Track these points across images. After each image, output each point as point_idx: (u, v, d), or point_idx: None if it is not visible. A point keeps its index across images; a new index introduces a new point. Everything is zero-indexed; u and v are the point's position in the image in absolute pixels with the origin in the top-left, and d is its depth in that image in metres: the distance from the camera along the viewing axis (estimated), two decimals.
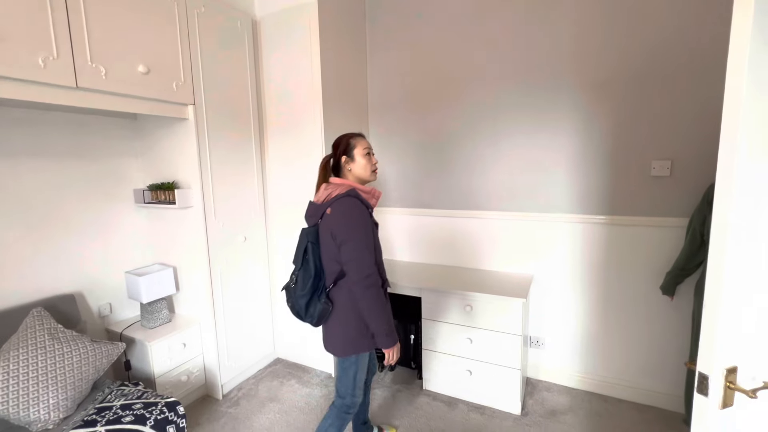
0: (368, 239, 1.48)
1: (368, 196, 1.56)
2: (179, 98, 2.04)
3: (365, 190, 1.57)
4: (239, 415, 2.20)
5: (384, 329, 1.47)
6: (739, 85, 0.82)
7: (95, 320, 2.21)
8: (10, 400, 1.51)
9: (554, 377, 2.45)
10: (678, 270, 1.93)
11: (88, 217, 2.15)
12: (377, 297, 1.45)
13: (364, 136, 1.62)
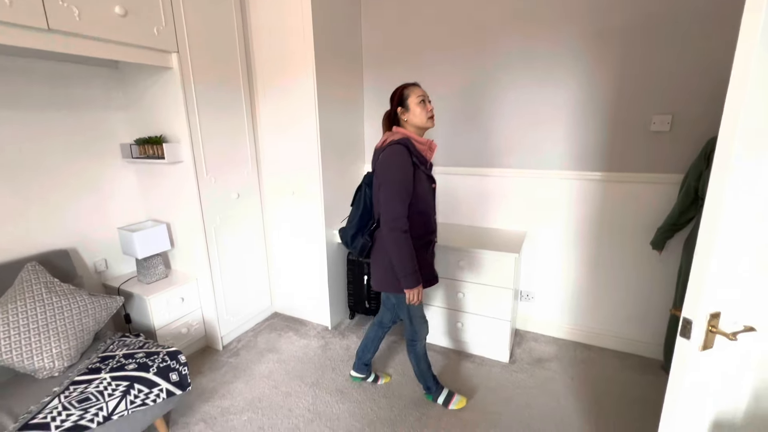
0: (402, 188, 1.53)
1: (423, 148, 1.62)
2: (161, 44, 1.92)
3: (421, 141, 1.62)
4: (239, 364, 2.29)
5: (404, 270, 1.57)
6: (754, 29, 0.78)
7: (91, 275, 2.22)
8: (14, 349, 1.54)
9: (542, 329, 2.55)
10: (669, 225, 1.95)
11: (75, 173, 2.09)
12: (400, 240, 1.54)
13: (418, 85, 1.64)
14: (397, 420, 1.85)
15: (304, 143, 2.39)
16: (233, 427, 1.82)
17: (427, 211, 1.66)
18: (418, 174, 1.59)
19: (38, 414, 1.36)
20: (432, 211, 1.71)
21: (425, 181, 1.63)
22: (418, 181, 1.59)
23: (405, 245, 1.56)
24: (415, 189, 1.58)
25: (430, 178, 1.68)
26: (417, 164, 1.58)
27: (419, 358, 1.88)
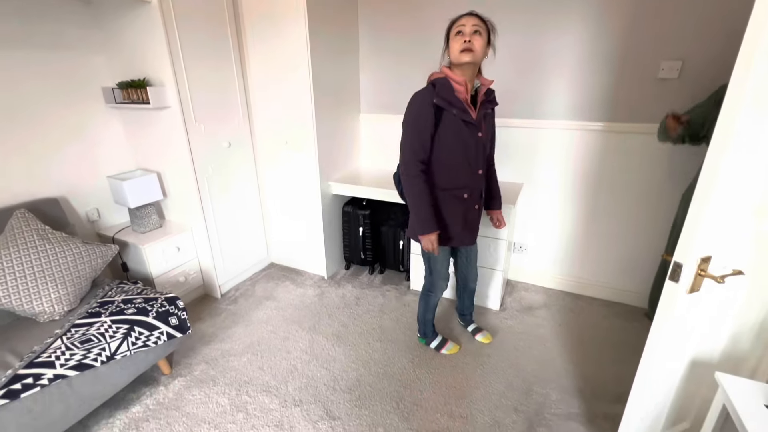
0: (413, 132, 1.49)
1: (458, 87, 1.46)
2: None
3: (457, 80, 1.45)
4: (238, 311, 2.35)
5: (416, 216, 1.57)
6: None
7: (84, 225, 2.20)
8: (12, 294, 1.56)
9: (533, 279, 2.62)
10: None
11: (57, 118, 2.00)
12: (409, 184, 1.54)
13: (471, 13, 1.43)
14: (390, 361, 1.93)
15: (297, 90, 2.28)
16: (234, 367, 1.90)
17: (453, 161, 1.54)
18: (445, 118, 1.46)
19: (42, 353, 1.40)
20: (464, 162, 1.55)
21: (458, 126, 1.48)
22: (445, 127, 1.47)
23: (416, 190, 1.52)
24: (438, 135, 1.48)
25: (469, 125, 1.49)
26: (444, 107, 1.44)
27: (428, 308, 1.92)
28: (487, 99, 1.57)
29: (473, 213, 1.69)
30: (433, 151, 1.53)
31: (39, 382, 1.30)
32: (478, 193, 1.67)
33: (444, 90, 1.45)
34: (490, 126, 1.64)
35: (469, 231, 1.71)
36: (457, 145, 1.52)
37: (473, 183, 1.61)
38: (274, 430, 1.57)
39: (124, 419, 1.62)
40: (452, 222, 1.64)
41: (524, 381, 1.81)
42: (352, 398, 1.72)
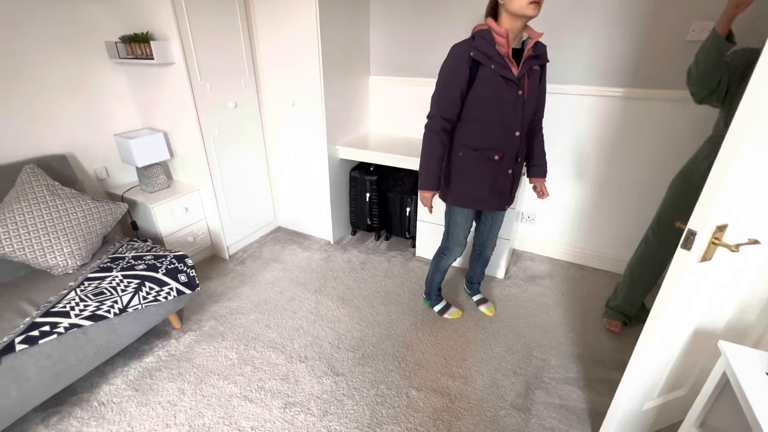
0: (444, 89, 1.44)
1: (500, 39, 1.32)
2: None
3: (499, 31, 1.31)
4: (246, 272, 2.40)
5: (421, 169, 1.56)
6: None
7: (93, 183, 2.22)
8: (26, 247, 1.59)
9: (539, 249, 2.61)
10: None
11: (59, 72, 1.97)
12: (425, 138, 1.51)
13: None
14: (393, 323, 1.98)
15: (304, 49, 2.20)
16: (241, 324, 1.96)
17: (488, 119, 1.45)
18: (482, 73, 1.37)
19: (57, 303, 1.45)
20: (498, 122, 1.45)
21: (495, 82, 1.38)
22: (481, 82, 1.38)
23: (429, 145, 1.51)
24: (473, 91, 1.41)
25: (509, 81, 1.38)
26: (481, 61, 1.35)
27: (437, 270, 1.93)
28: (535, 54, 1.41)
29: (505, 178, 1.58)
30: (465, 108, 1.46)
31: (56, 330, 1.36)
32: (513, 156, 1.55)
33: (483, 43, 1.35)
34: (535, 85, 1.46)
35: (498, 196, 1.62)
36: (493, 102, 1.42)
37: (507, 145, 1.50)
38: (280, 382, 1.63)
39: (138, 368, 1.69)
40: (478, 185, 1.58)
41: (525, 346, 1.84)
42: (356, 357, 1.77)
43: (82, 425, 1.44)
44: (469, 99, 1.44)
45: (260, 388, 1.60)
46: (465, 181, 1.59)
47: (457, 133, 1.54)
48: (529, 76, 1.43)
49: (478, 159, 1.54)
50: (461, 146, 1.55)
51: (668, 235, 1.66)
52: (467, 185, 1.60)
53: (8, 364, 1.25)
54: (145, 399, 1.55)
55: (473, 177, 1.57)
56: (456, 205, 1.66)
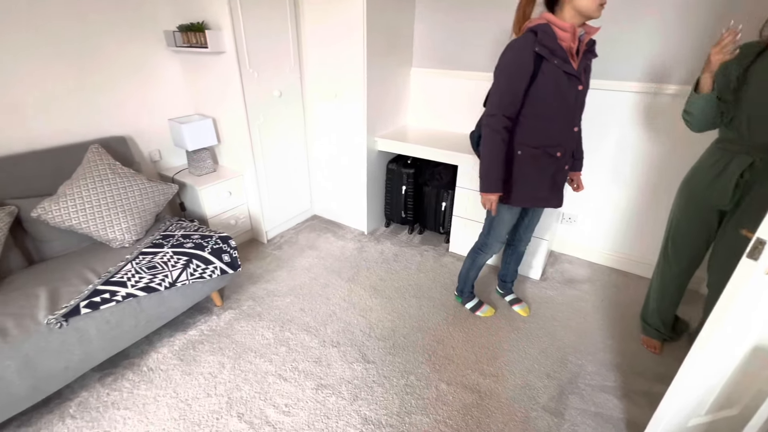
0: (507, 86, 1.38)
1: (565, 35, 1.30)
2: None
3: (563, 26, 1.29)
4: (282, 256, 2.48)
5: (482, 171, 1.50)
6: None
7: (148, 164, 2.36)
8: (89, 220, 1.73)
9: (579, 252, 2.51)
10: None
11: (123, 60, 2.10)
12: (487, 138, 1.46)
13: None
14: (424, 317, 1.98)
15: (349, 40, 2.21)
16: (277, 306, 2.04)
17: (550, 115, 1.42)
18: (545, 69, 1.34)
19: (116, 274, 1.56)
20: (561, 118, 1.42)
21: (559, 78, 1.34)
22: (544, 78, 1.35)
23: (492, 146, 1.45)
24: (535, 87, 1.37)
25: (571, 77, 1.35)
26: (546, 56, 1.32)
27: (473, 266, 1.91)
28: (589, 49, 1.40)
29: (563, 174, 1.55)
30: (526, 105, 1.42)
31: (114, 297, 1.47)
32: (570, 152, 1.53)
33: (547, 38, 1.31)
34: (588, 79, 1.45)
35: (557, 192, 1.58)
36: (556, 98, 1.38)
37: (567, 141, 1.48)
38: (313, 365, 1.69)
39: (182, 339, 1.80)
40: (540, 183, 1.54)
41: (559, 350, 1.80)
42: (386, 346, 1.79)
43: (133, 387, 1.56)
44: (530, 95, 1.40)
45: (294, 369, 1.66)
46: (527, 180, 1.53)
47: (516, 131, 1.49)
48: (585, 70, 1.41)
49: (538, 157, 1.49)
50: (520, 144, 1.49)
51: (682, 246, 1.59)
52: (529, 184, 1.54)
53: (74, 325, 1.37)
54: (189, 369, 1.65)
55: (535, 175, 1.53)
56: (518, 205, 1.61)
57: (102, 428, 1.40)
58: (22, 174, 1.71)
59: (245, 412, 1.47)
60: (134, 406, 1.48)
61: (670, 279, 1.69)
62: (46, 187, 1.76)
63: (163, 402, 1.50)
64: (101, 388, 1.55)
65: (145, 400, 1.51)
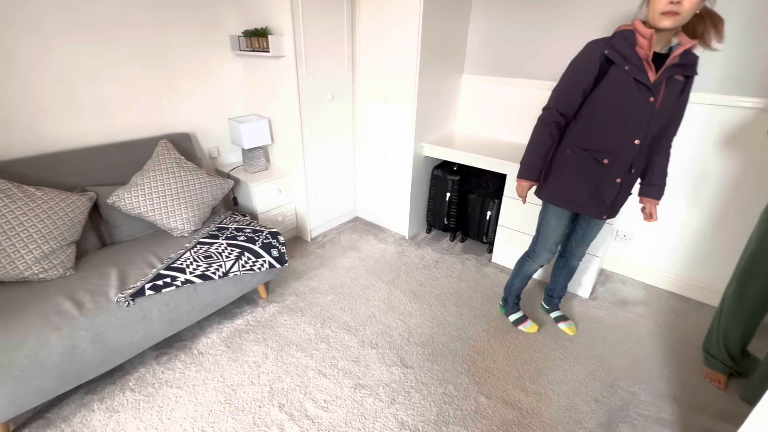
0: (566, 83, 1.41)
1: (642, 41, 1.24)
2: None
3: (643, 33, 1.23)
4: (325, 255, 2.54)
5: (524, 159, 1.55)
6: None
7: (207, 160, 2.52)
8: (156, 208, 1.86)
9: (633, 272, 2.36)
10: None
11: (192, 62, 2.26)
12: (537, 131, 1.50)
13: None
14: (465, 326, 1.95)
15: (403, 45, 2.24)
16: (319, 303, 2.08)
17: (608, 121, 1.37)
18: (612, 73, 1.31)
19: (177, 260, 1.67)
20: (618, 125, 1.36)
21: (626, 84, 1.29)
22: (610, 82, 1.32)
23: (538, 135, 1.50)
24: (598, 90, 1.35)
25: (641, 86, 1.28)
26: (614, 60, 1.29)
27: (519, 274, 1.87)
28: (681, 63, 1.27)
29: (610, 186, 1.47)
30: (585, 107, 1.42)
31: (174, 282, 1.57)
32: (627, 165, 1.43)
33: (621, 42, 1.28)
34: (673, 96, 1.32)
35: (598, 202, 1.51)
36: (618, 104, 1.34)
37: (621, 151, 1.40)
38: (352, 364, 1.70)
39: (230, 327, 1.89)
40: (579, 186, 1.51)
41: (609, 374, 1.69)
42: (425, 352, 1.78)
43: (185, 368, 1.66)
44: (592, 98, 1.39)
45: (333, 366, 1.69)
46: (566, 179, 1.53)
47: (570, 131, 1.49)
48: (667, 84, 1.30)
49: (585, 159, 1.46)
50: (571, 144, 1.49)
51: (761, 278, 1.45)
52: (567, 184, 1.53)
53: (139, 305, 1.48)
54: (235, 356, 1.73)
55: (575, 177, 1.50)
56: (551, 202, 1.60)
57: (156, 403, 1.50)
58: (101, 164, 1.88)
59: (286, 403, 1.51)
60: (185, 385, 1.57)
61: (742, 311, 1.54)
62: (121, 177, 1.92)
63: (211, 385, 1.58)
64: (157, 366, 1.66)
65: (195, 381, 1.60)
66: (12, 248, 1.44)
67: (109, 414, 1.45)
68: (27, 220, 1.49)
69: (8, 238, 1.44)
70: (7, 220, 1.45)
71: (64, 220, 1.59)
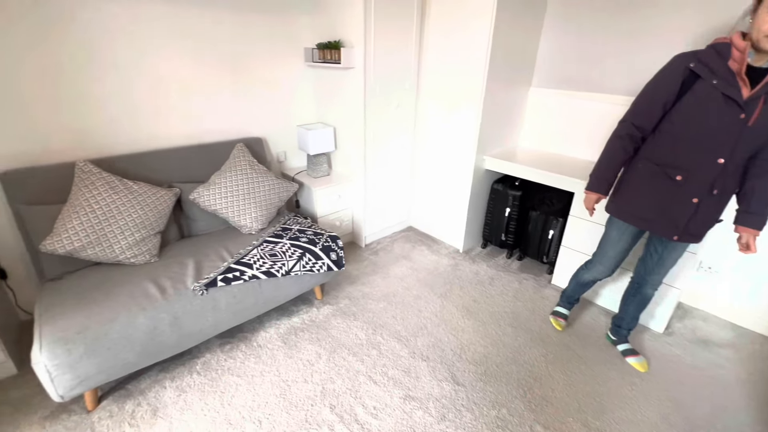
0: (646, 96, 1.40)
1: (736, 55, 1.19)
2: None
3: (738, 46, 1.18)
4: (378, 262, 2.57)
5: (594, 171, 1.55)
6: None
7: (275, 164, 2.67)
8: (229, 206, 2.01)
9: (718, 310, 2.11)
10: None
11: (268, 72, 2.42)
12: (611, 142, 1.50)
13: None
14: (521, 349, 1.86)
15: (471, 56, 2.23)
16: (371, 309, 2.10)
17: (688, 137, 1.30)
18: (698, 88, 1.25)
19: (245, 256, 1.79)
20: (698, 140, 1.28)
21: (714, 100, 1.22)
22: (694, 96, 1.26)
23: (608, 147, 1.51)
24: (680, 104, 1.30)
25: (731, 102, 1.21)
26: (701, 74, 1.24)
27: (574, 279, 1.89)
28: None
29: (685, 205, 1.38)
30: (665, 121, 1.37)
31: (243, 276, 1.68)
32: (706, 185, 1.33)
33: (710, 55, 1.23)
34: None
35: (667, 221, 1.43)
36: (699, 119, 1.27)
37: (700, 169, 1.31)
38: (402, 374, 1.70)
39: (286, 324, 1.97)
40: (647, 202, 1.46)
41: (687, 421, 1.52)
42: (478, 371, 1.72)
43: (245, 358, 1.75)
44: (673, 112, 1.33)
45: (384, 374, 1.69)
46: (633, 193, 1.49)
47: (646, 144, 1.46)
48: (765, 101, 1.18)
49: (656, 175, 1.42)
50: (644, 158, 1.46)
51: None
52: (634, 199, 1.49)
53: (212, 294, 1.60)
54: (291, 352, 1.79)
55: (644, 192, 1.45)
56: (615, 216, 1.58)
57: (219, 388, 1.59)
58: (185, 163, 2.07)
59: (336, 405, 1.54)
60: (245, 375, 1.66)
61: None
62: (201, 175, 2.10)
63: (268, 378, 1.65)
64: (221, 354, 1.77)
65: (254, 372, 1.68)
66: (112, 234, 1.63)
67: (178, 393, 1.57)
68: (125, 210, 1.68)
69: (110, 224, 1.63)
70: (110, 209, 1.65)
71: (153, 212, 1.77)
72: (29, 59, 1.64)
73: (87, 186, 1.64)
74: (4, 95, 1.62)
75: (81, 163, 1.68)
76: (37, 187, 1.64)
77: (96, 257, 1.62)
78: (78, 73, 1.77)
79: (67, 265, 1.63)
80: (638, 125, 1.42)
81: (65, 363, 1.27)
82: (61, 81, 1.73)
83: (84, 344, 1.30)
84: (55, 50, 1.69)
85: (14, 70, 1.62)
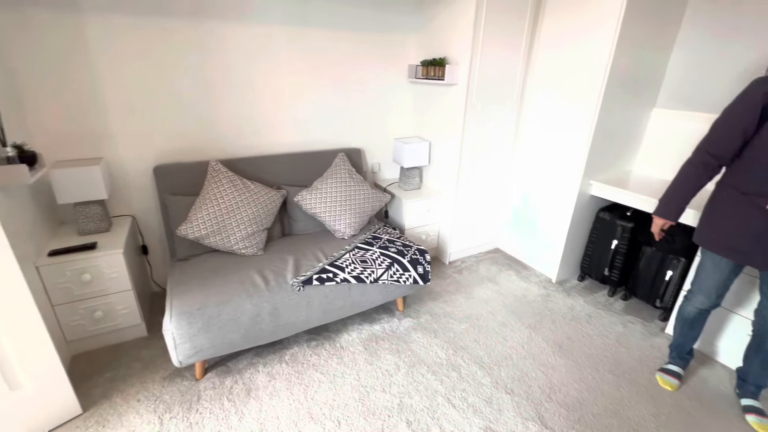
0: (722, 124, 1.37)
1: None
2: None
3: None
4: (462, 281, 2.49)
5: (664, 196, 1.55)
6: None
7: (369, 174, 2.79)
8: (327, 210, 2.14)
9: None
10: None
11: (375, 88, 2.55)
12: (683, 170, 1.49)
13: None
14: (624, 402, 1.62)
15: (586, 75, 2.08)
16: (452, 329, 2.04)
17: None
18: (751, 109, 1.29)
19: (338, 259, 1.88)
20: None
21: None
22: None
23: (680, 173, 1.50)
24: (764, 130, 1.28)
25: None
26: None
27: (679, 318, 1.72)
28: None
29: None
30: (748, 148, 1.34)
31: (335, 278, 1.76)
32: None
33: None
34: None
35: (764, 252, 1.36)
36: None
37: None
38: (484, 403, 1.60)
39: (368, 331, 2.01)
40: (737, 234, 1.40)
41: None
42: (571, 417, 1.55)
43: (328, 357, 1.82)
44: (756, 140, 1.31)
45: (464, 399, 1.62)
46: (721, 224, 1.44)
47: (730, 171, 1.42)
48: None
49: (743, 204, 1.37)
50: (729, 186, 1.42)
51: None
52: (723, 230, 1.43)
53: (307, 291, 1.71)
54: (370, 359, 1.82)
55: (732, 222, 1.40)
56: (705, 247, 1.53)
57: (303, 381, 1.68)
58: (293, 167, 2.26)
59: (413, 421, 1.51)
60: (327, 373, 1.73)
61: None
62: (304, 180, 2.27)
63: (348, 380, 1.70)
64: (307, 349, 1.87)
65: (335, 372, 1.74)
66: (230, 225, 1.85)
67: (269, 378, 1.69)
68: (243, 206, 1.90)
69: (230, 217, 1.85)
70: (232, 204, 1.87)
71: (264, 209, 1.97)
72: (190, 77, 1.97)
73: (216, 182, 1.89)
74: (168, 103, 1.97)
75: (213, 162, 1.95)
76: (178, 180, 1.94)
77: (215, 245, 1.85)
78: (222, 88, 2.07)
79: (193, 249, 1.88)
80: (714, 153, 1.40)
81: (186, 334, 1.46)
82: (206, 94, 2.05)
83: (202, 320, 1.48)
84: (209, 69, 2.01)
85: (178, 86, 1.96)
